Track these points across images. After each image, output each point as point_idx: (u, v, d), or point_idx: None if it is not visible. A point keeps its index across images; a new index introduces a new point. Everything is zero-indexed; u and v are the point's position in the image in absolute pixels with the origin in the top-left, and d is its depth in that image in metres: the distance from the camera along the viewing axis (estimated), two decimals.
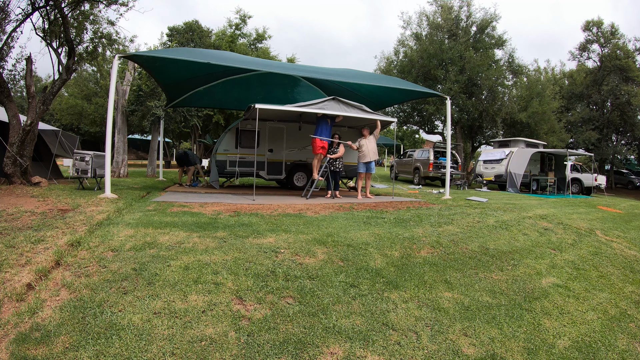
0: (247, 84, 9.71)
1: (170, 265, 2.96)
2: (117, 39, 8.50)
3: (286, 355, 2.08)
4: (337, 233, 4.22)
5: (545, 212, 7.13)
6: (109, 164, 6.28)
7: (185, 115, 14.46)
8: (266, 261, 3.22)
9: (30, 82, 7.23)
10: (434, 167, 15.10)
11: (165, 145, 21.23)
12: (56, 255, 3.05)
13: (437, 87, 19.01)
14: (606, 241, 5.42)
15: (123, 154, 12.23)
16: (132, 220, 4.30)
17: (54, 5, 7.13)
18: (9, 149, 6.77)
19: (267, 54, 19.30)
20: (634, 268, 4.45)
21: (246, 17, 18.77)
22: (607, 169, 27.24)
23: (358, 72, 9.14)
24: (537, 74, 23.37)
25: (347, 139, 10.16)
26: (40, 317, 2.22)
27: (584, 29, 25.50)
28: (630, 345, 2.71)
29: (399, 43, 21.37)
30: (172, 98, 10.08)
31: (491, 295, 3.12)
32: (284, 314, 2.46)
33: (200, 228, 4.09)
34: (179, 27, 16.86)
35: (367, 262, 3.46)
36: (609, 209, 9.39)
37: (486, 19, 19.48)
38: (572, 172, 15.50)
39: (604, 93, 24.42)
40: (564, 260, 4.30)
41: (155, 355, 1.97)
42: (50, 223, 3.95)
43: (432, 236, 4.48)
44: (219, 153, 8.82)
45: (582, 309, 3.13)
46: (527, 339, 2.54)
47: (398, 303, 2.79)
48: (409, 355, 2.23)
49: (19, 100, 21.98)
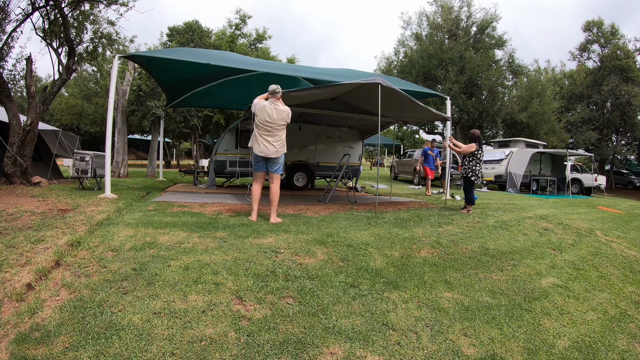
0: (247, 84, 9.70)
1: (170, 265, 2.96)
2: (117, 39, 8.51)
3: (286, 355, 2.08)
4: (337, 233, 4.22)
5: (545, 212, 7.13)
6: (109, 164, 6.28)
7: (185, 115, 14.46)
8: (266, 261, 3.22)
9: (30, 82, 7.23)
10: None
11: (165, 145, 21.23)
12: (56, 255, 3.05)
13: (437, 87, 19.01)
14: (606, 241, 5.42)
15: (123, 154, 12.23)
16: (132, 220, 4.30)
17: (54, 5, 7.13)
18: (9, 149, 6.77)
19: (267, 54, 19.30)
20: (634, 268, 4.45)
21: (246, 17, 18.77)
22: (607, 169, 27.24)
23: (358, 73, 9.13)
24: (537, 74, 23.38)
25: (347, 139, 10.18)
26: (40, 317, 2.22)
27: (584, 29, 25.52)
28: (630, 346, 2.71)
29: (399, 43, 21.40)
30: (172, 98, 10.08)
31: (491, 295, 3.12)
32: (284, 314, 2.46)
33: (200, 228, 4.09)
34: (179, 27, 16.86)
35: (367, 262, 3.46)
36: (609, 209, 9.39)
37: (486, 19, 19.49)
38: (572, 173, 15.50)
39: (604, 93, 24.43)
40: (564, 260, 4.30)
41: (155, 355, 1.97)
42: (50, 223, 3.95)
43: (432, 236, 4.48)
44: (219, 153, 8.83)
45: (582, 309, 3.13)
46: (527, 339, 2.54)
47: (398, 303, 2.79)
48: (409, 355, 2.22)
49: (19, 100, 21.97)
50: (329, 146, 9.97)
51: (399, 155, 20.63)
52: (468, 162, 6.50)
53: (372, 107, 7.29)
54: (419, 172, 13.98)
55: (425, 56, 19.06)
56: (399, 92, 5.82)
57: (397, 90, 5.76)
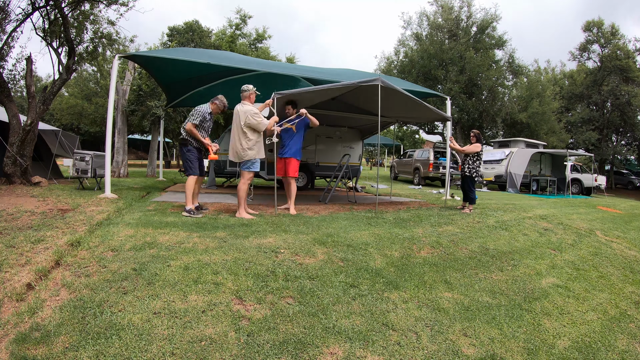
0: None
1: (170, 265, 2.96)
2: (117, 39, 8.51)
3: (286, 355, 2.08)
4: (337, 233, 4.22)
5: (545, 212, 7.13)
6: (109, 164, 6.28)
7: (185, 115, 14.46)
8: (266, 261, 3.22)
9: (30, 82, 7.23)
10: (434, 168, 15.11)
11: (165, 145, 21.22)
12: (56, 255, 3.05)
13: (437, 87, 19.02)
14: (606, 241, 5.42)
15: (123, 154, 12.22)
16: (132, 220, 4.30)
17: (54, 5, 7.13)
18: (9, 149, 6.77)
19: (267, 54, 19.31)
20: (634, 268, 4.45)
21: (246, 17, 18.78)
22: (607, 169, 27.24)
23: (358, 73, 9.13)
24: (537, 74, 23.39)
25: (347, 139, 10.18)
26: (40, 317, 2.22)
27: (584, 30, 25.52)
28: (630, 346, 2.71)
29: (399, 43, 21.41)
30: (172, 98, 10.07)
31: (491, 295, 3.12)
32: (284, 314, 2.46)
33: (200, 228, 4.09)
34: (179, 27, 16.85)
35: (367, 262, 3.46)
36: (609, 209, 9.40)
37: (486, 20, 19.49)
38: (572, 173, 15.50)
39: (604, 93, 24.43)
40: (564, 260, 4.30)
41: (155, 355, 1.97)
42: (50, 223, 3.95)
43: (432, 236, 4.48)
44: (219, 153, 8.83)
45: (582, 309, 3.13)
46: (527, 339, 2.54)
47: (398, 303, 2.79)
48: (409, 355, 2.22)
49: (19, 100, 21.96)
50: (329, 146, 9.97)
51: (399, 155, 20.62)
52: (472, 162, 6.55)
53: (372, 107, 7.29)
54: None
55: (426, 56, 19.06)
56: (399, 92, 5.82)
57: (397, 90, 5.76)
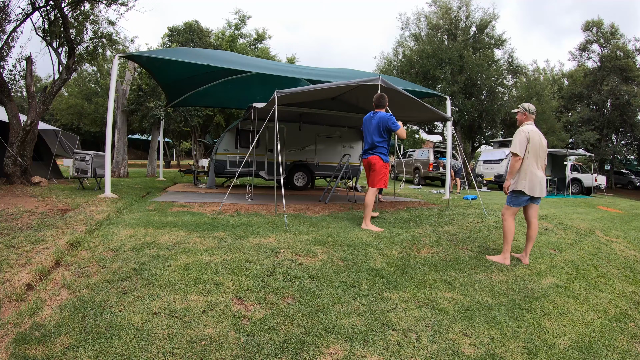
0: (248, 83, 9.71)
1: (170, 265, 2.96)
2: (118, 39, 8.51)
3: (286, 355, 2.08)
4: (337, 233, 4.22)
5: (545, 212, 7.13)
6: (109, 164, 6.28)
7: (185, 115, 14.46)
8: (266, 261, 3.21)
9: (30, 82, 7.23)
10: (434, 167, 15.12)
11: (165, 145, 21.21)
12: (56, 255, 3.05)
13: (437, 87, 19.01)
14: (606, 241, 5.42)
15: (123, 154, 12.22)
16: (132, 220, 4.30)
17: (54, 5, 7.13)
18: (9, 149, 6.77)
19: (267, 54, 19.32)
20: (634, 268, 4.45)
21: (245, 18, 18.80)
22: (607, 169, 27.24)
23: (357, 72, 9.13)
24: (536, 74, 23.38)
25: (347, 139, 10.18)
26: (40, 317, 2.21)
27: (584, 29, 25.51)
28: (630, 346, 2.71)
29: (397, 43, 21.40)
30: (172, 98, 10.08)
31: (491, 295, 3.12)
32: (284, 314, 2.46)
33: (200, 228, 4.09)
34: (179, 27, 16.86)
35: (367, 262, 3.46)
36: (609, 209, 9.40)
37: (485, 19, 19.49)
38: (572, 172, 15.50)
39: (603, 93, 24.41)
40: (564, 260, 4.29)
41: (155, 355, 1.97)
42: (50, 223, 3.95)
43: (432, 236, 4.48)
44: (219, 153, 8.83)
45: (582, 309, 3.13)
46: (527, 339, 2.54)
47: (398, 303, 2.79)
48: (409, 355, 2.22)
49: (19, 100, 21.95)
50: (329, 146, 9.98)
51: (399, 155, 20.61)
52: None
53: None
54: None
55: (424, 56, 19.06)
56: (399, 91, 5.82)
57: (397, 90, 5.77)
